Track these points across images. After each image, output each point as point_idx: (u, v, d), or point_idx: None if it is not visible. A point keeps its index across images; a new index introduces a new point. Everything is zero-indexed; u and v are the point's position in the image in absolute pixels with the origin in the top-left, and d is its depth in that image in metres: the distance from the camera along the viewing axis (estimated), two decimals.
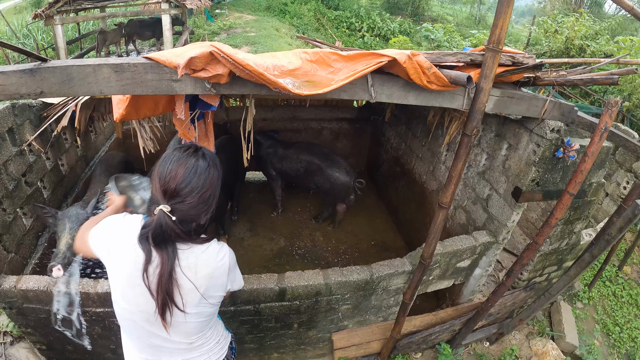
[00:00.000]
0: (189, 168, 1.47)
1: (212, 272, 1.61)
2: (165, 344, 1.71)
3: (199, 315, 1.67)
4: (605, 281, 5.14)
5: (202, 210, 1.53)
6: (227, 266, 1.67)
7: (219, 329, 1.98)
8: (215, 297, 1.70)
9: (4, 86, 1.69)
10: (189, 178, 1.47)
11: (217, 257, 1.63)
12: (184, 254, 1.54)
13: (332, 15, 19.38)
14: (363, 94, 1.97)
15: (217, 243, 1.66)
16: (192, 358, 1.82)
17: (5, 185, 2.91)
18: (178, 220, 1.46)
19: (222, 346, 1.97)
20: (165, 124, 3.36)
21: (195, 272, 1.56)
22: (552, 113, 2.48)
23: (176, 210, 1.46)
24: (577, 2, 19.87)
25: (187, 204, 1.47)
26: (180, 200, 1.46)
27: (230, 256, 1.70)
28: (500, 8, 1.69)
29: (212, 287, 1.64)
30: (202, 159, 1.52)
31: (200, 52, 1.61)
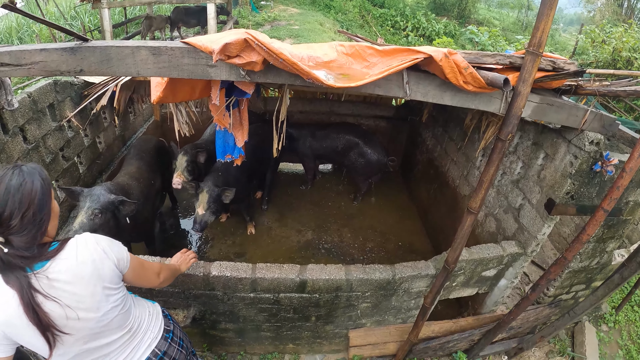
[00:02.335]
0: (1, 191, 1.37)
1: (93, 265, 1.55)
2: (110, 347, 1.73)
3: (117, 307, 1.67)
4: (633, 306, 4.95)
5: (33, 232, 1.42)
6: (102, 250, 1.60)
7: (142, 303, 1.99)
8: (115, 282, 1.65)
9: (46, 63, 1.76)
10: (4, 201, 1.36)
11: (88, 250, 1.56)
12: (54, 270, 1.46)
13: (377, 13, 19.34)
14: (398, 90, 1.95)
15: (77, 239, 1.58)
16: (139, 343, 1.86)
17: (42, 157, 3.02)
18: (18, 248, 1.38)
19: (155, 317, 2.00)
20: (202, 109, 3.40)
21: (81, 278, 1.51)
22: (592, 124, 2.41)
23: (9, 239, 1.37)
24: (628, 13, 19.19)
25: (14, 229, 1.37)
26: (5, 227, 1.36)
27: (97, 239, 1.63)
28: (543, 10, 1.65)
29: (105, 276, 1.59)
30: (14, 177, 1.40)
31: (235, 38, 1.63)
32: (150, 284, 1.95)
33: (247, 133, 2.84)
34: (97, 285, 1.55)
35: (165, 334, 1.99)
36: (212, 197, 3.61)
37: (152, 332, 1.93)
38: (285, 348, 3.54)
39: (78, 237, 1.60)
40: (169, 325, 2.05)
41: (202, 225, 3.63)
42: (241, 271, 2.75)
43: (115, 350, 1.76)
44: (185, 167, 3.92)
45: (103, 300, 1.58)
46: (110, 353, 1.75)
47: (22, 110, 2.78)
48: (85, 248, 1.56)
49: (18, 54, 1.73)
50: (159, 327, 1.98)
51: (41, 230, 1.45)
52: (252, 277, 2.74)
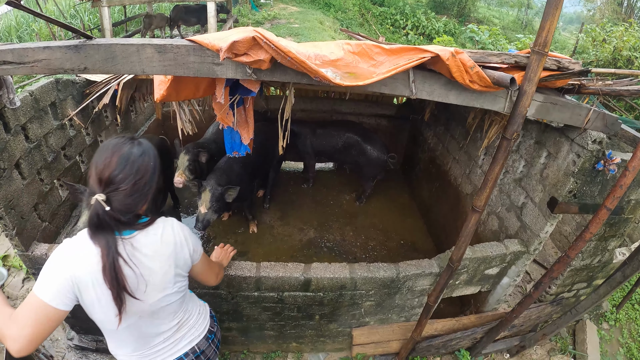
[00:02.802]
0: (122, 156, 1.48)
1: (174, 248, 1.67)
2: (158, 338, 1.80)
3: (178, 293, 1.75)
4: (634, 304, 4.96)
5: (138, 199, 1.53)
6: (183, 237, 1.72)
7: (195, 300, 2.07)
8: (185, 269, 1.76)
9: (49, 60, 1.76)
10: (122, 165, 1.47)
11: (173, 232, 1.68)
12: (140, 241, 1.57)
13: (377, 12, 19.34)
14: (404, 89, 1.95)
15: (163, 220, 1.70)
16: (181, 337, 1.90)
17: (44, 156, 3.01)
18: (116, 210, 1.47)
19: (204, 316, 2.06)
20: (204, 108, 3.41)
21: (161, 255, 1.62)
22: (595, 123, 2.41)
23: (112, 199, 1.47)
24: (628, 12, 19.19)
25: (122, 192, 1.47)
26: (114, 187, 1.46)
27: (182, 226, 1.75)
28: (548, 10, 1.65)
29: (179, 260, 1.70)
30: (136, 147, 1.54)
31: (243, 36, 1.63)
32: (209, 281, 2.06)
33: (252, 131, 2.85)
34: (171, 266, 1.66)
35: (209, 334, 2.05)
36: (214, 196, 3.61)
37: (197, 329, 1.98)
38: (288, 347, 3.55)
39: (166, 218, 1.71)
40: (213, 327, 2.11)
41: (204, 224, 3.63)
42: (245, 270, 2.76)
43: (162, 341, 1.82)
44: (187, 167, 3.91)
45: (170, 282, 1.68)
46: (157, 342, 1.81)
47: (24, 109, 2.77)
48: (171, 230, 1.68)
49: (21, 52, 1.73)
50: (204, 327, 2.03)
51: (143, 200, 1.57)
52: (256, 275, 2.74)
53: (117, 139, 1.54)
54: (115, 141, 1.53)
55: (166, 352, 1.85)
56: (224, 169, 3.90)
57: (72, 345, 3.43)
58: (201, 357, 1.98)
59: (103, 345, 3.34)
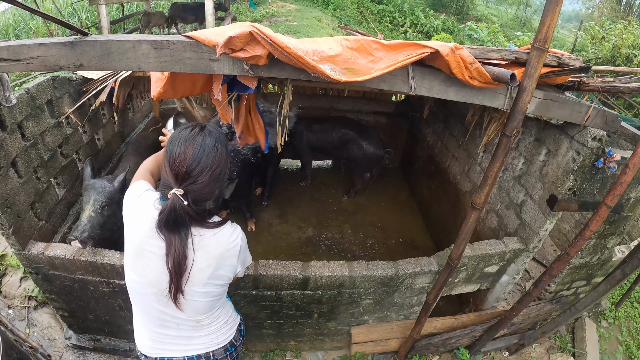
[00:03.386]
0: (197, 148, 1.48)
1: (223, 252, 1.64)
2: (172, 320, 1.74)
3: (206, 295, 1.70)
4: (633, 302, 4.96)
5: (214, 188, 1.55)
6: (239, 248, 1.70)
7: (228, 309, 2.01)
8: (224, 278, 1.72)
9: (44, 57, 1.73)
10: (198, 158, 1.48)
11: (230, 238, 1.66)
12: (196, 236, 1.56)
13: (375, 9, 19.25)
14: (403, 85, 1.94)
15: (230, 225, 1.69)
16: (199, 336, 1.84)
17: (41, 154, 2.99)
18: (192, 201, 1.48)
19: (230, 327, 1.99)
20: (202, 105, 3.38)
21: (206, 252, 1.59)
22: (595, 121, 2.40)
23: (189, 191, 1.48)
24: (626, 10, 19.19)
25: (200, 184, 1.48)
26: (192, 181, 1.47)
27: (242, 238, 1.73)
28: (549, 5, 1.63)
29: (222, 267, 1.67)
30: (208, 137, 1.53)
31: (240, 31, 1.61)
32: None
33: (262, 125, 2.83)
34: (211, 266, 1.62)
35: (229, 346, 1.98)
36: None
37: (218, 337, 1.91)
38: (287, 345, 3.54)
39: (230, 223, 1.70)
40: (237, 340, 2.04)
41: None
42: None
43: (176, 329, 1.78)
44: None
45: (202, 282, 1.63)
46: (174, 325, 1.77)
47: (20, 107, 2.75)
48: (228, 235, 1.66)
49: (16, 49, 1.71)
50: (226, 337, 1.96)
51: (220, 188, 1.59)
52: (254, 274, 2.72)
53: (187, 131, 1.53)
54: (186, 133, 1.52)
55: (179, 345, 1.82)
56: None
57: (70, 345, 3.41)
58: None
59: (101, 345, 3.32)
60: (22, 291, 3.78)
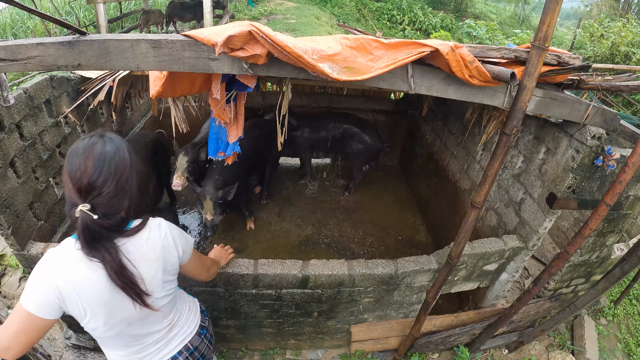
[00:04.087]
0: (97, 158, 1.40)
1: (161, 252, 1.61)
2: (149, 338, 1.75)
3: (167, 297, 1.70)
4: (632, 299, 4.97)
5: (122, 198, 1.47)
6: (172, 239, 1.66)
7: (185, 297, 2.03)
8: (173, 272, 1.71)
9: (42, 57, 1.73)
10: (99, 168, 1.39)
11: (160, 235, 1.62)
12: (127, 248, 1.50)
13: (374, 7, 19.26)
14: (402, 84, 1.93)
15: (153, 222, 1.64)
16: (174, 336, 1.87)
17: (39, 154, 2.98)
18: (102, 215, 1.40)
19: (194, 312, 2.03)
20: (200, 104, 3.38)
21: (147, 260, 1.55)
22: (594, 119, 2.40)
23: (97, 205, 1.39)
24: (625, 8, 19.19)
25: (106, 195, 1.40)
26: (97, 193, 1.38)
27: (170, 228, 1.68)
28: (549, 4, 1.63)
29: (167, 264, 1.65)
30: (109, 144, 1.45)
31: (239, 30, 1.61)
32: (200, 277, 2.04)
33: (242, 129, 2.80)
34: (158, 270, 1.60)
35: (200, 329, 2.02)
36: (216, 202, 3.69)
37: (189, 327, 1.96)
38: (287, 344, 3.54)
39: (154, 219, 1.65)
40: (204, 322, 2.09)
41: (213, 229, 3.79)
42: (243, 267, 2.74)
43: (153, 342, 1.79)
44: (185, 168, 3.88)
45: (158, 287, 1.62)
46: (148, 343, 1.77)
47: (18, 107, 2.74)
48: (158, 232, 1.62)
49: (14, 49, 1.70)
50: (195, 323, 2.01)
51: (129, 197, 1.50)
52: (254, 273, 2.72)
53: (85, 140, 1.44)
54: (84, 143, 1.43)
55: (159, 352, 1.83)
56: (219, 170, 3.87)
57: (70, 344, 3.41)
58: (195, 354, 1.96)
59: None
60: (21, 291, 3.77)
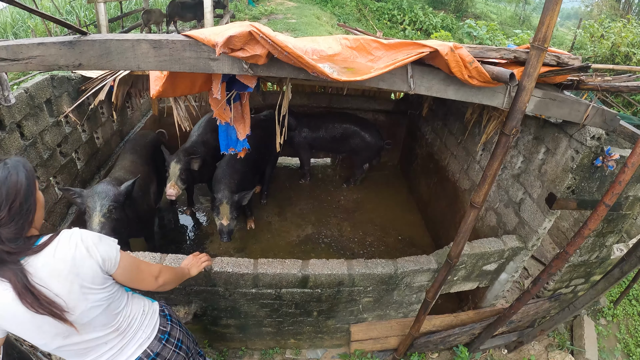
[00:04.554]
0: None
1: (72, 264, 1.49)
2: (97, 341, 1.68)
3: (97, 307, 1.60)
4: (631, 300, 4.97)
5: (22, 223, 1.43)
6: (84, 248, 1.54)
7: (139, 301, 1.93)
8: (97, 282, 1.58)
9: (43, 57, 1.73)
10: None
11: (70, 247, 1.51)
12: (33, 266, 1.44)
13: (374, 7, 19.24)
14: (402, 84, 1.94)
15: (64, 233, 1.54)
16: (128, 340, 1.80)
17: (40, 154, 2.99)
18: (9, 240, 1.38)
19: (150, 316, 1.93)
20: (201, 103, 3.38)
21: (59, 276, 1.47)
22: (593, 119, 2.40)
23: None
24: (625, 8, 19.18)
25: (3, 222, 1.38)
26: None
27: (83, 237, 1.56)
28: (548, 5, 1.63)
29: (83, 277, 1.53)
30: (1, 170, 1.42)
31: (239, 31, 1.61)
32: (146, 286, 1.87)
33: (249, 126, 2.82)
34: (74, 283, 1.50)
35: (160, 334, 1.93)
36: (233, 206, 3.66)
37: (145, 332, 1.87)
38: (286, 343, 3.54)
39: (63, 232, 1.55)
40: (165, 326, 1.98)
41: (230, 234, 3.74)
42: (243, 267, 2.74)
43: (98, 346, 1.71)
44: (178, 176, 3.80)
45: (81, 300, 1.52)
46: (94, 348, 1.70)
47: (19, 106, 2.75)
48: (67, 244, 1.51)
49: (15, 49, 1.70)
50: (152, 327, 1.92)
51: (28, 221, 1.47)
52: (254, 272, 2.73)
53: None
54: None
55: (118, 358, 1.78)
56: (229, 173, 3.87)
57: None
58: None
59: None
60: None
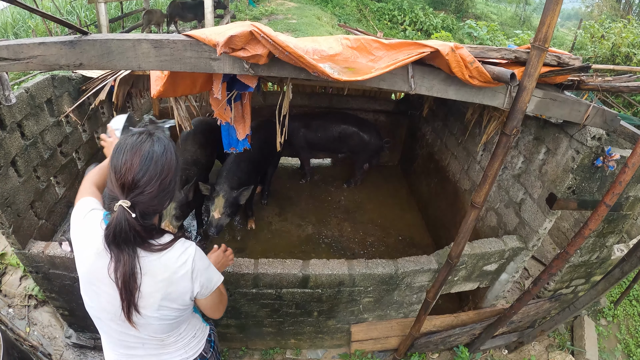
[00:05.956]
0: (144, 156, 1.38)
1: (171, 276, 1.50)
2: (136, 340, 1.67)
3: (162, 319, 1.59)
4: (632, 300, 4.97)
5: (164, 199, 1.46)
6: (190, 270, 1.54)
7: (195, 323, 1.92)
8: (178, 302, 1.58)
9: (44, 57, 1.73)
10: (145, 166, 1.38)
11: (178, 260, 1.52)
12: (143, 259, 1.46)
13: (375, 7, 19.23)
14: (403, 84, 1.94)
15: (181, 244, 1.55)
16: (167, 353, 1.78)
17: (40, 154, 2.99)
18: (140, 214, 1.38)
19: (199, 340, 1.92)
20: (202, 103, 3.38)
21: (153, 276, 1.48)
22: (594, 119, 2.40)
23: (137, 203, 1.37)
24: (626, 9, 19.18)
25: (148, 195, 1.38)
26: (139, 191, 1.37)
27: (196, 258, 1.57)
28: (549, 5, 1.63)
29: (173, 292, 1.53)
30: (157, 144, 1.44)
31: (240, 31, 1.61)
32: (213, 314, 1.86)
33: (249, 127, 2.83)
34: (159, 291, 1.50)
35: (199, 358, 1.92)
36: (228, 201, 3.58)
37: (187, 352, 1.84)
38: (287, 343, 3.55)
39: (182, 242, 1.56)
40: (207, 352, 1.96)
41: (218, 229, 3.59)
42: (243, 267, 2.75)
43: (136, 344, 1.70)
44: (173, 215, 3.45)
45: (153, 307, 1.53)
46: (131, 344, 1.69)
47: (19, 106, 2.74)
48: (177, 256, 1.52)
49: (16, 48, 1.70)
50: (195, 350, 1.89)
51: (170, 198, 1.51)
52: (255, 272, 2.73)
53: (134, 137, 1.43)
54: (133, 140, 1.42)
55: None
56: (233, 170, 3.85)
57: (70, 344, 3.42)
58: None
59: (100, 343, 3.32)
60: (22, 290, 3.78)
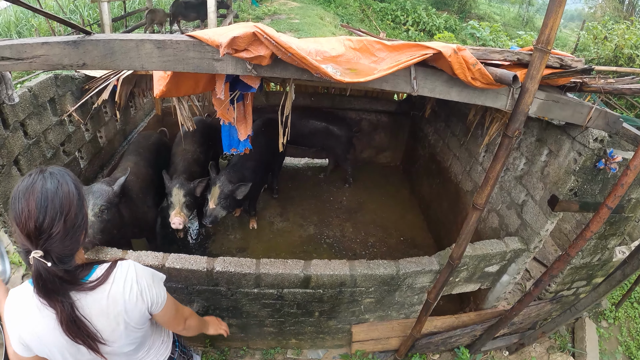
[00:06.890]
0: (38, 197, 1.27)
1: (125, 306, 1.49)
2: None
3: (131, 343, 1.62)
4: (633, 302, 4.96)
5: (75, 236, 1.36)
6: (138, 292, 1.52)
7: (159, 333, 1.92)
8: (142, 322, 1.60)
9: (47, 56, 1.74)
10: (43, 208, 1.27)
11: (125, 289, 1.49)
12: (83, 303, 1.41)
13: (377, 7, 19.24)
14: (405, 86, 1.94)
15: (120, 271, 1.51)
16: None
17: (43, 153, 3.00)
18: (57, 260, 1.31)
19: (166, 345, 1.95)
20: (204, 103, 3.39)
21: (106, 315, 1.46)
22: (596, 122, 2.40)
23: (49, 250, 1.29)
24: (629, 10, 19.14)
25: (57, 237, 1.29)
26: (46, 236, 1.28)
27: (139, 278, 1.54)
28: (552, 7, 1.63)
29: (133, 318, 1.53)
30: (49, 180, 1.32)
31: (243, 32, 1.62)
32: (175, 327, 1.87)
33: (250, 127, 2.83)
34: (120, 324, 1.50)
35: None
36: (223, 193, 3.59)
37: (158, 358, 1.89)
38: (288, 343, 3.55)
39: (120, 266, 1.52)
40: (173, 353, 2.00)
41: (211, 219, 3.61)
42: (245, 267, 2.75)
43: None
44: (183, 203, 3.54)
45: (122, 337, 1.54)
46: None
47: (22, 105, 2.75)
48: (122, 285, 1.49)
49: (19, 48, 1.71)
50: (165, 355, 1.93)
51: (82, 234, 1.41)
52: (256, 272, 2.73)
53: (25, 180, 1.32)
54: (25, 183, 1.30)
55: None
56: (237, 166, 3.86)
57: None
58: None
59: None
60: None
